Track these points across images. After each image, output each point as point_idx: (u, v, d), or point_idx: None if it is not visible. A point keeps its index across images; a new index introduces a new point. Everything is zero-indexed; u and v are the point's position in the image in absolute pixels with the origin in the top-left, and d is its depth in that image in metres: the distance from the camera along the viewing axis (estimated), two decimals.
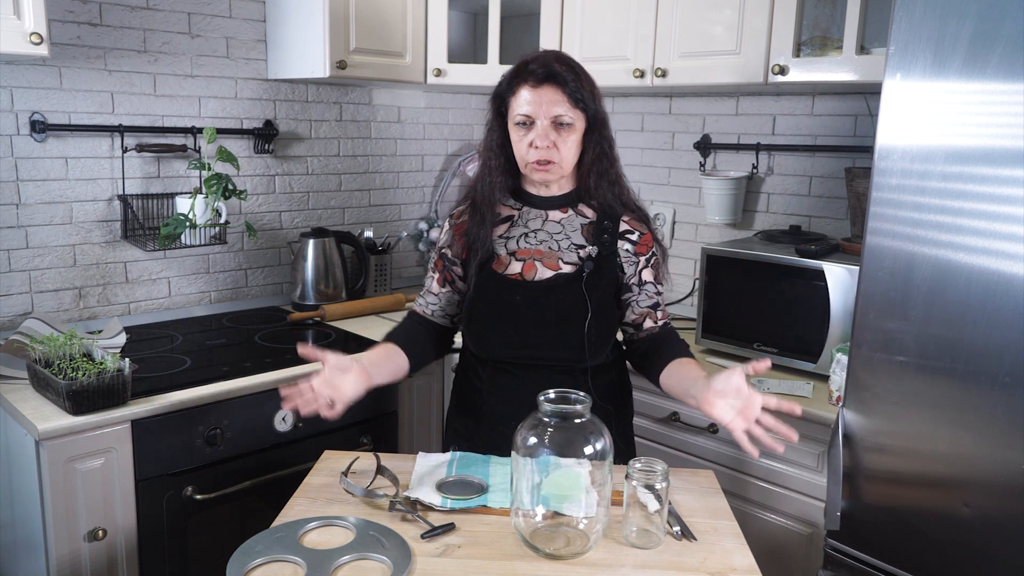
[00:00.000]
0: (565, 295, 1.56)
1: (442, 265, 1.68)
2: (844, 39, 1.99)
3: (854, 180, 2.21)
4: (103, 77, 2.24)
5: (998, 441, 1.38)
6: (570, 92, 1.50)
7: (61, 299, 2.25)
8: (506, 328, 1.57)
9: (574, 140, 1.54)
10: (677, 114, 2.77)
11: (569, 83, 1.50)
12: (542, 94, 1.50)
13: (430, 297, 1.70)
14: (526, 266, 1.59)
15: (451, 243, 1.67)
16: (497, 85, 1.59)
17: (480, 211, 1.61)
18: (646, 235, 1.63)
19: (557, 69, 1.50)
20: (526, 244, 1.60)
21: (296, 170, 2.70)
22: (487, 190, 1.61)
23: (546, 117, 1.50)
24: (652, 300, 1.62)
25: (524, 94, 1.52)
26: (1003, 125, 1.33)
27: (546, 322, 1.55)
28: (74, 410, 1.67)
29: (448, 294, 1.69)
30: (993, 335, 1.36)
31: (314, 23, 2.34)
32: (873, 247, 1.50)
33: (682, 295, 2.76)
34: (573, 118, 1.52)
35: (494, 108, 1.60)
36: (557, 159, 1.53)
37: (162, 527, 1.84)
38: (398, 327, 1.70)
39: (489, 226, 1.59)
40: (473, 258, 1.60)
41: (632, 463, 1.28)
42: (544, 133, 1.51)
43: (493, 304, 1.58)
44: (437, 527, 1.28)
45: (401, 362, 1.60)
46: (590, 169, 1.58)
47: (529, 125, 1.52)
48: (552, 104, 1.50)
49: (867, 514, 1.57)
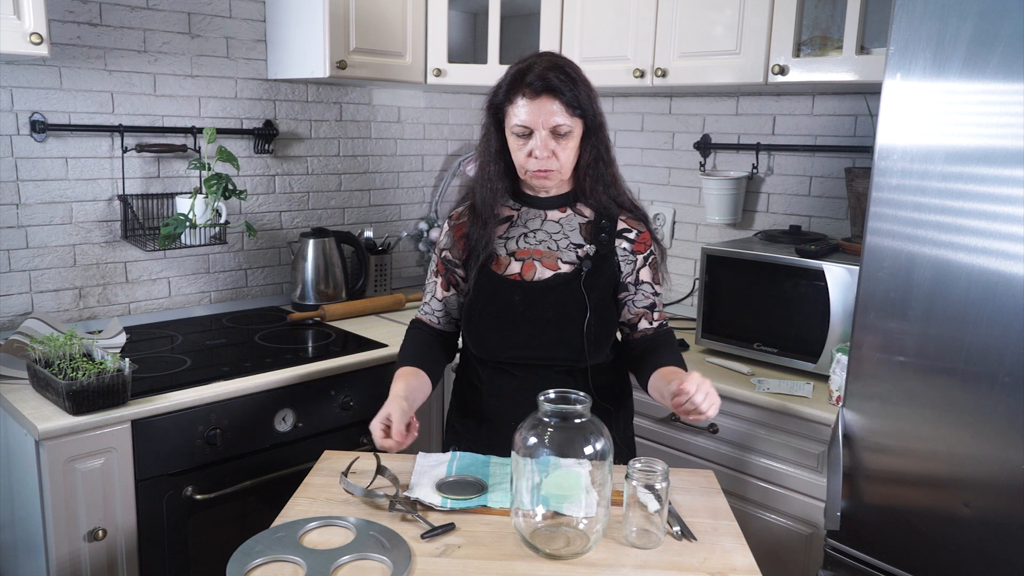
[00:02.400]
0: (564, 295, 1.56)
1: (444, 269, 1.68)
2: (844, 39, 1.99)
3: (854, 180, 2.21)
4: (103, 77, 2.24)
5: (998, 441, 1.38)
6: (567, 101, 1.49)
7: (61, 299, 2.25)
8: (506, 329, 1.57)
9: (573, 146, 1.54)
10: (677, 114, 2.77)
11: (566, 93, 1.49)
12: (540, 105, 1.49)
13: (434, 304, 1.70)
14: (525, 266, 1.59)
15: (451, 245, 1.67)
16: (492, 95, 1.58)
17: (481, 215, 1.61)
18: (644, 233, 1.63)
19: (553, 81, 1.48)
20: (525, 244, 1.61)
21: (296, 170, 2.70)
22: (487, 196, 1.60)
23: (544, 127, 1.50)
24: (648, 300, 1.62)
25: (521, 105, 1.50)
26: (1003, 125, 1.33)
27: (546, 322, 1.55)
28: (74, 410, 1.67)
29: (453, 297, 1.68)
30: (993, 335, 1.36)
31: (314, 23, 2.34)
32: (873, 247, 1.50)
33: (682, 295, 2.76)
34: (572, 125, 1.51)
35: (491, 115, 1.59)
36: (556, 167, 1.53)
37: (162, 527, 1.83)
38: (410, 345, 1.69)
39: (491, 229, 1.59)
40: (474, 260, 1.60)
41: (632, 463, 1.28)
42: (543, 143, 1.50)
43: (493, 305, 1.58)
44: (437, 527, 1.28)
45: (427, 386, 1.62)
46: (586, 172, 1.58)
47: (528, 135, 1.52)
48: (550, 115, 1.49)
49: (867, 514, 1.57)
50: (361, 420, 2.18)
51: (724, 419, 2.06)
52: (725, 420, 2.06)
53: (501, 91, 1.55)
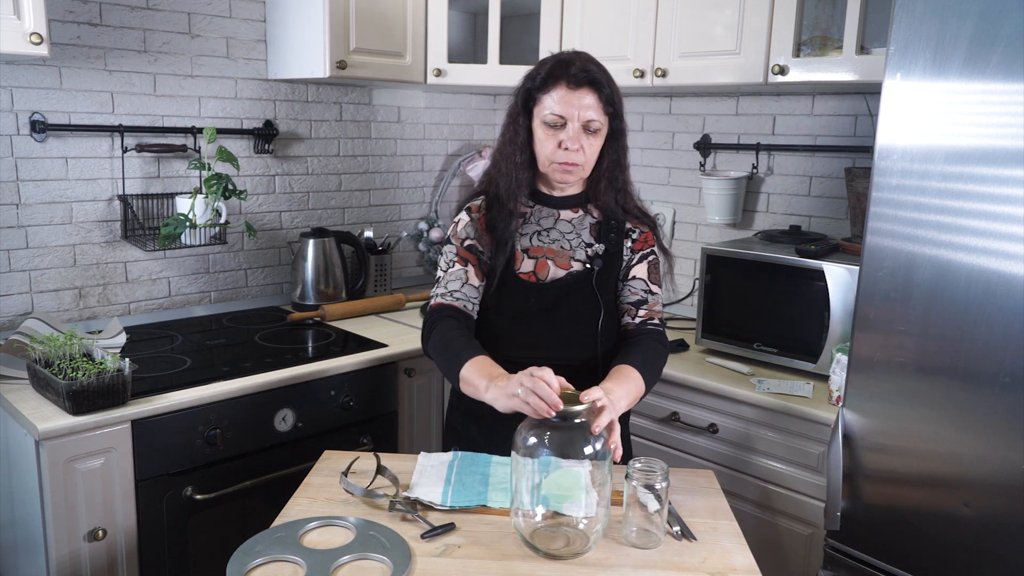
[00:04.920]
0: (577, 295, 1.57)
1: (476, 259, 1.61)
2: (844, 39, 1.99)
3: (854, 180, 2.21)
4: (103, 77, 2.24)
5: (998, 441, 1.38)
6: (606, 97, 1.51)
7: (61, 299, 2.25)
8: (520, 331, 1.58)
9: (598, 145, 1.55)
10: (677, 114, 2.77)
11: (605, 89, 1.51)
12: (580, 96, 1.50)
13: (469, 291, 1.59)
14: (539, 264, 1.59)
15: (479, 236, 1.62)
16: (527, 78, 1.57)
17: (506, 207, 1.58)
18: (646, 233, 1.65)
19: (596, 74, 1.51)
20: (539, 242, 1.61)
21: (296, 170, 2.70)
22: (512, 185, 1.58)
23: (579, 120, 1.51)
24: (636, 297, 1.63)
25: (559, 93, 1.51)
26: (1003, 125, 1.33)
27: (560, 323, 1.56)
28: (74, 410, 1.67)
29: (484, 286, 1.63)
30: (993, 335, 1.36)
31: (314, 23, 2.34)
32: (873, 247, 1.50)
33: (682, 295, 2.76)
34: (602, 124, 1.53)
35: (521, 102, 1.57)
36: (582, 161, 1.54)
37: (162, 527, 1.84)
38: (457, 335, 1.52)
39: (515, 220, 1.59)
40: (500, 254, 1.58)
41: (632, 463, 1.28)
42: (575, 136, 1.51)
43: (508, 308, 1.59)
44: (437, 527, 1.28)
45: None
46: (602, 175, 1.59)
47: (560, 126, 1.52)
48: (587, 108, 1.50)
49: (867, 514, 1.57)
50: (361, 420, 2.18)
51: (724, 419, 2.06)
52: (725, 420, 2.06)
53: (539, 77, 1.54)
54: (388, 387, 2.24)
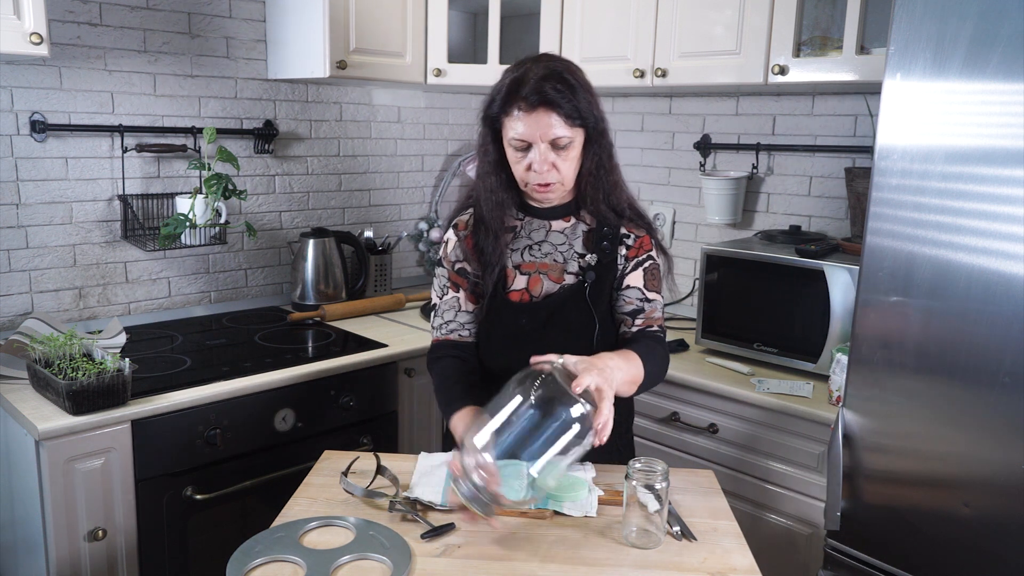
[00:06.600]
0: (572, 309, 1.52)
1: (466, 283, 1.59)
2: (844, 39, 1.99)
3: (854, 180, 2.21)
4: (103, 77, 2.24)
5: (998, 441, 1.38)
6: (566, 113, 1.41)
7: (61, 299, 2.25)
8: (514, 351, 1.50)
9: (574, 156, 1.47)
10: (677, 114, 2.77)
11: (564, 104, 1.40)
12: (537, 118, 1.40)
13: (463, 317, 1.59)
14: (531, 280, 1.55)
15: (467, 258, 1.58)
16: (486, 106, 1.50)
17: (491, 227, 1.54)
18: (642, 238, 1.57)
19: (550, 93, 1.39)
20: (531, 257, 1.56)
21: (296, 170, 2.70)
22: (494, 209, 1.53)
23: (543, 140, 1.42)
24: (631, 307, 1.55)
25: (517, 118, 1.42)
26: (1003, 125, 1.33)
27: (554, 341, 1.47)
28: (74, 410, 1.67)
29: (478, 308, 1.60)
30: (993, 335, 1.36)
31: (314, 23, 2.34)
32: (873, 247, 1.50)
33: (682, 295, 2.76)
34: (572, 136, 1.43)
35: (487, 126, 1.51)
36: (557, 179, 1.46)
37: (162, 527, 1.84)
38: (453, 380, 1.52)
39: (501, 242, 1.53)
40: (488, 275, 1.54)
41: (632, 463, 1.28)
42: (543, 157, 1.43)
43: (500, 330, 1.55)
44: (437, 527, 1.28)
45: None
46: (587, 180, 1.52)
47: (526, 148, 1.45)
48: (548, 128, 1.41)
49: (867, 514, 1.57)
50: (361, 420, 2.18)
51: (724, 419, 2.06)
52: (725, 420, 2.06)
53: (496, 103, 1.47)
54: (388, 387, 2.24)
